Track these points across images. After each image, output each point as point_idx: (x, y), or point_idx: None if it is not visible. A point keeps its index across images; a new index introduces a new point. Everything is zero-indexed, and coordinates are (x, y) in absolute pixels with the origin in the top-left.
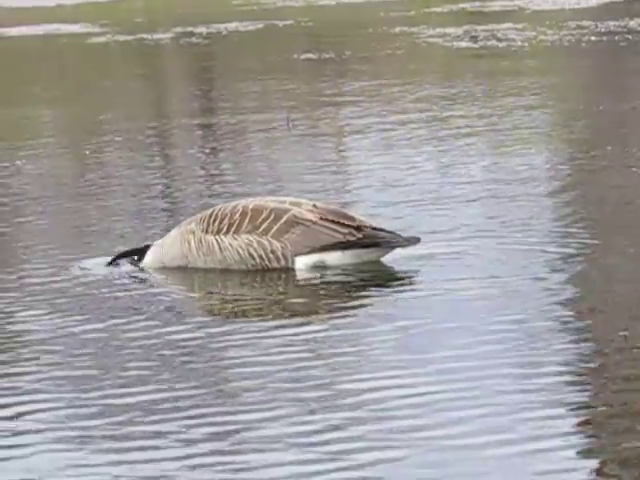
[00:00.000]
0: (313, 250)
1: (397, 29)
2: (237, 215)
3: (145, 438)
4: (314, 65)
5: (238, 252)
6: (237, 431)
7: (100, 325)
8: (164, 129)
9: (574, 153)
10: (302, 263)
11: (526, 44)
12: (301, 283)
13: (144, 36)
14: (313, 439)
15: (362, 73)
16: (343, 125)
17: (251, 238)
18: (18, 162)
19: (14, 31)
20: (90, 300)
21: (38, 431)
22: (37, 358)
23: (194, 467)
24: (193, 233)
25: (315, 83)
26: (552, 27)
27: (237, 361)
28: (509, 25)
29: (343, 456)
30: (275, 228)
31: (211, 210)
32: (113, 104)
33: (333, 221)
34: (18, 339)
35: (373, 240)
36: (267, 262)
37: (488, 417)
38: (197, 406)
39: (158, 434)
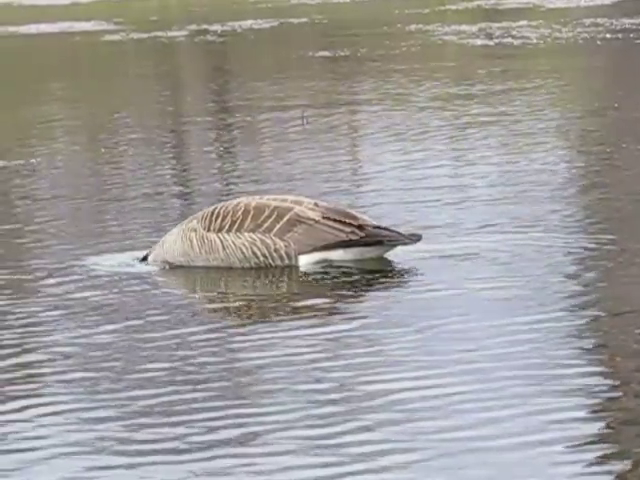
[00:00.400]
0: (316, 249)
1: (412, 27)
2: (239, 213)
3: (164, 440)
4: (329, 63)
5: (241, 250)
6: (257, 433)
7: (113, 326)
8: (179, 127)
9: (590, 150)
10: (305, 261)
11: (541, 42)
12: (311, 282)
13: (159, 34)
14: (335, 441)
15: (377, 71)
16: (358, 123)
17: (254, 236)
18: (33, 160)
19: (28, 29)
20: (102, 300)
21: (54, 435)
22: (52, 360)
23: (212, 469)
24: (195, 231)
25: (330, 81)
26: (567, 24)
27: (255, 362)
28: (524, 22)
29: (366, 458)
30: (278, 227)
31: (213, 208)
32: (128, 102)
33: (336, 220)
34: (32, 340)
35: (375, 238)
36: (270, 260)
37: (514, 419)
38: (216, 408)
39: (177, 436)
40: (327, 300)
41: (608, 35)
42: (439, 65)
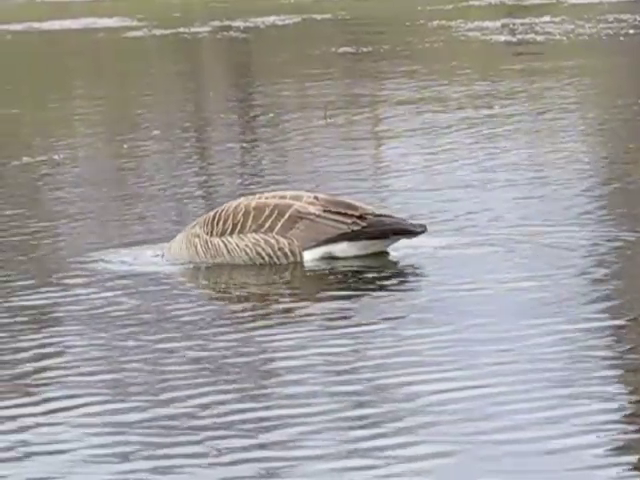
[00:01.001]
0: (319, 243)
1: (435, 23)
2: (240, 215)
3: (194, 444)
4: (352, 59)
5: (246, 252)
6: (292, 436)
7: (137, 328)
8: (202, 123)
9: (613, 146)
10: (310, 257)
11: (564, 37)
12: (330, 281)
13: (181, 30)
14: (374, 443)
15: (400, 67)
16: (381, 119)
17: (257, 237)
18: (56, 156)
19: (51, 25)
20: (123, 298)
21: (78, 438)
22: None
23: (245, 474)
24: (198, 236)
25: (353, 77)
26: (590, 20)
27: (283, 363)
28: (547, 18)
29: (405, 461)
30: (279, 225)
31: (214, 212)
32: (151, 98)
33: (336, 212)
34: (54, 339)
35: (378, 229)
36: (275, 259)
37: (553, 422)
38: (247, 410)
39: (207, 439)
40: (351, 298)
41: (631, 31)
42: (462, 61)
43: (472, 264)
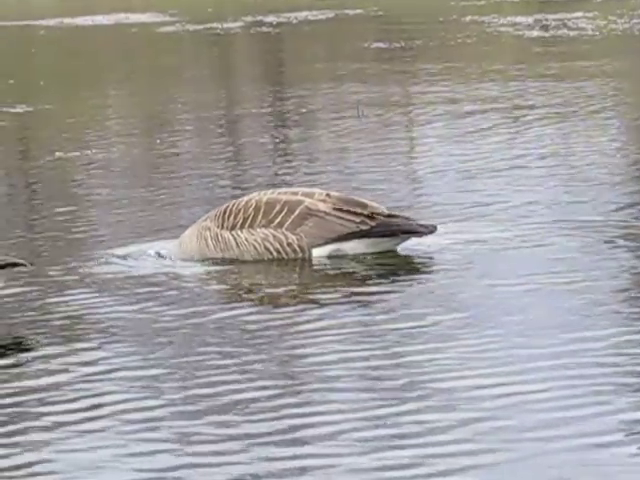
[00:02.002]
0: (328, 241)
1: (468, 18)
2: (251, 209)
3: (226, 440)
4: (384, 54)
5: (255, 247)
6: (323, 434)
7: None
8: (234, 118)
9: None
10: (318, 254)
11: (597, 33)
12: (351, 278)
13: (214, 25)
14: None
15: (432, 62)
16: (413, 114)
17: (267, 232)
18: (88, 152)
19: (84, 20)
20: (152, 292)
21: (108, 428)
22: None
23: (262, 458)
24: (209, 229)
25: (385, 73)
26: (623, 16)
27: (310, 359)
28: (580, 14)
29: (441, 460)
30: (289, 221)
31: (225, 206)
32: (183, 93)
33: (346, 210)
34: (85, 335)
35: (388, 228)
36: (284, 255)
37: (590, 419)
38: (276, 408)
39: (237, 436)
40: (372, 296)
41: None
42: (495, 57)
43: (508, 260)
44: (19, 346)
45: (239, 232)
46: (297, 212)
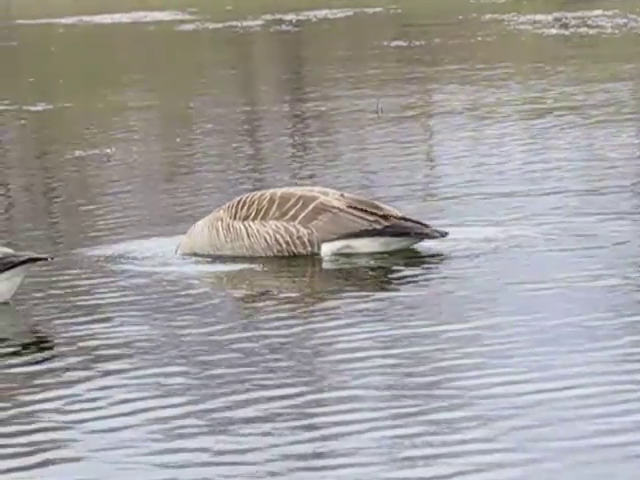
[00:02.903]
0: (339, 237)
1: (487, 16)
2: (265, 202)
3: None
4: (404, 52)
5: (265, 239)
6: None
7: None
8: (253, 117)
9: None
10: (328, 249)
11: (617, 31)
12: (369, 277)
13: (233, 24)
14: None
15: (452, 60)
16: (432, 112)
17: (279, 224)
18: (108, 150)
19: (102, 18)
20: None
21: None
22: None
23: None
24: (221, 220)
25: (404, 70)
26: None
27: (330, 358)
28: (599, 12)
29: (471, 457)
30: (302, 215)
31: (239, 197)
32: (203, 91)
33: (360, 209)
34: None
35: (400, 229)
36: (293, 248)
37: (616, 417)
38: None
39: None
40: (390, 294)
41: None
42: (514, 54)
43: (530, 259)
44: (39, 345)
45: (251, 223)
46: (311, 207)
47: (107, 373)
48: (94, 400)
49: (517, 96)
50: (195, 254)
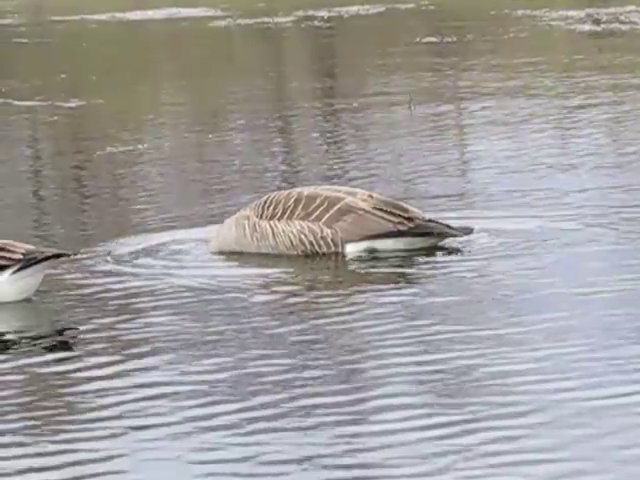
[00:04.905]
0: (363, 238)
1: (519, 12)
2: (291, 201)
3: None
4: (436, 48)
5: (290, 238)
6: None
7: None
8: (285, 113)
9: None
10: (352, 250)
11: None
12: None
13: (265, 20)
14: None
15: (484, 56)
16: (465, 109)
17: (303, 224)
18: (140, 146)
19: (134, 15)
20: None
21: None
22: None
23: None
24: (248, 218)
25: (436, 67)
26: None
27: (359, 355)
28: (632, 8)
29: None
30: (327, 215)
31: (266, 197)
32: (234, 88)
33: (385, 211)
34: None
35: (425, 230)
36: (317, 248)
37: None
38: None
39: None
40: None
41: None
42: (546, 51)
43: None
44: (65, 345)
45: (277, 222)
46: (337, 207)
47: (136, 370)
48: (124, 395)
49: (549, 91)
50: (222, 252)
